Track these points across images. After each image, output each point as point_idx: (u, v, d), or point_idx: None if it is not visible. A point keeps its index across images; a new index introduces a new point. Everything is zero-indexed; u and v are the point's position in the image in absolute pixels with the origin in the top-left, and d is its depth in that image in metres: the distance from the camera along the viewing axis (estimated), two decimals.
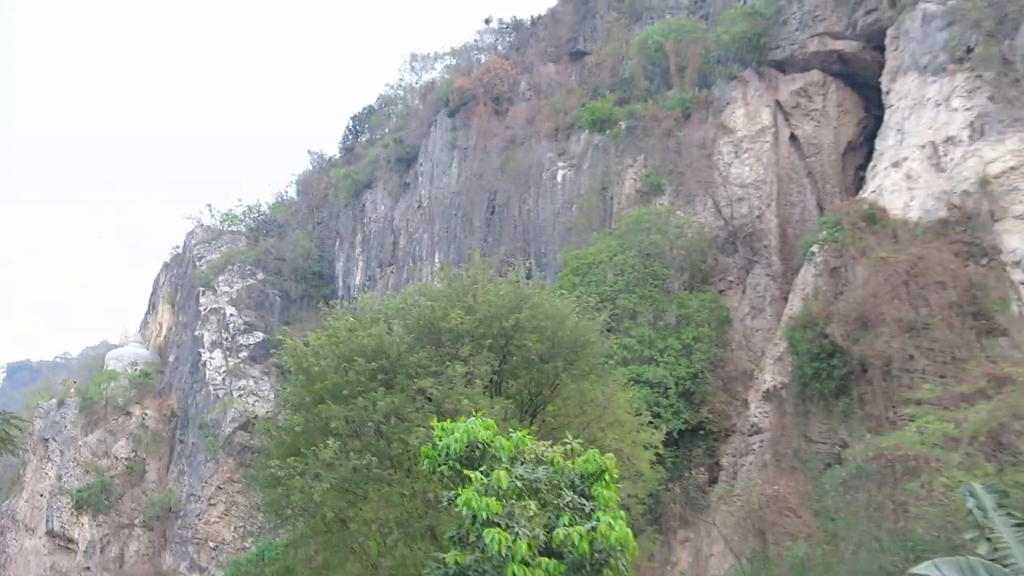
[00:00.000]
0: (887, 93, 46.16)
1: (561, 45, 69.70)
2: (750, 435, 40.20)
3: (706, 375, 42.50)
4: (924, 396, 31.23)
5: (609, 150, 54.75)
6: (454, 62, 79.93)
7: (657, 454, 30.05)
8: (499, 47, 76.95)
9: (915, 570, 13.01)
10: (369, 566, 25.90)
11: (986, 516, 14.10)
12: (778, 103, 51.33)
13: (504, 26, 78.41)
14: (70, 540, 69.93)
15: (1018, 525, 13.88)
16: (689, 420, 41.12)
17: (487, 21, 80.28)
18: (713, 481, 40.19)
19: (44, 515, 71.53)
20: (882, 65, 47.25)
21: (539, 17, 75.39)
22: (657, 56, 56.49)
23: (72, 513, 69.92)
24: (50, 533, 70.73)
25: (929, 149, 41.31)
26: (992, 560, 13.42)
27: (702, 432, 41.86)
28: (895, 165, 42.62)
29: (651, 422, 32.07)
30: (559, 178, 57.34)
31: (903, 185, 41.55)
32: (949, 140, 40.65)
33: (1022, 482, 23.85)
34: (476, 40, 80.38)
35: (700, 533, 39.01)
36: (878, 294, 36.44)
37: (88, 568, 67.99)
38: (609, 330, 35.84)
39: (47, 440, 73.90)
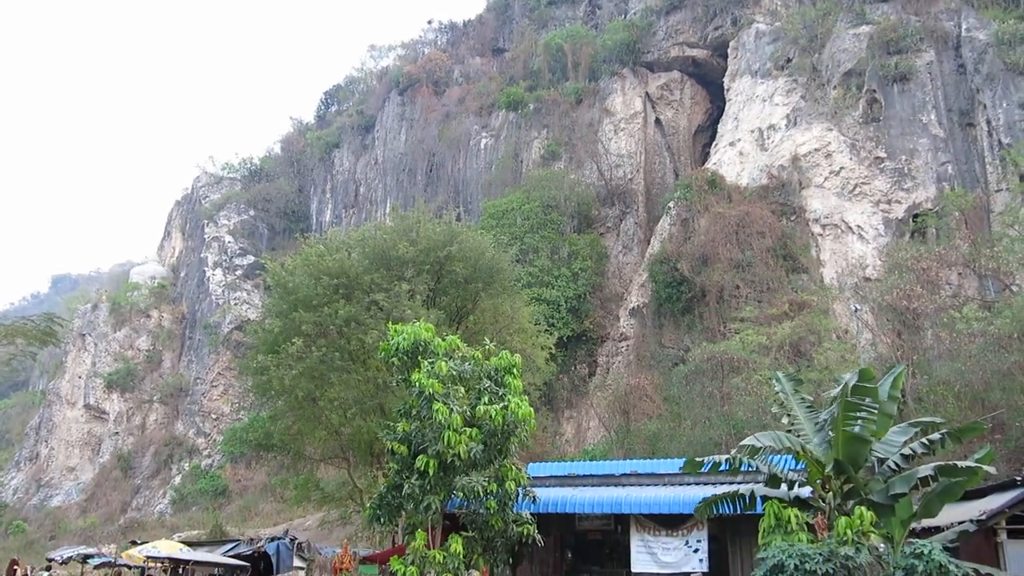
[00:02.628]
0: (728, 90, 46.26)
1: (486, 43, 68.25)
2: (619, 341, 40.58)
3: (588, 296, 42.65)
4: (746, 315, 31.77)
5: (520, 125, 54.03)
6: (404, 52, 77.88)
7: (551, 353, 30.09)
8: (438, 42, 75.06)
9: (743, 442, 13.06)
10: (333, 433, 25.68)
11: (787, 399, 14.28)
12: (647, 94, 51.07)
13: (443, 26, 76.42)
14: (103, 412, 68.19)
15: (809, 408, 14.10)
16: (575, 329, 41.30)
17: (429, 22, 78.82)
18: (591, 374, 40.54)
19: (82, 392, 69.52)
20: (725, 69, 47.27)
21: (470, 21, 73.62)
22: (558, 54, 55.71)
23: (104, 391, 68.11)
24: (87, 406, 68.85)
25: (757, 133, 41.58)
26: (788, 432, 13.63)
27: (584, 338, 42.12)
28: (731, 144, 42.84)
29: (547, 330, 32.09)
30: (482, 145, 56.49)
31: (737, 160, 41.82)
32: (771, 127, 40.94)
33: (813, 379, 24.36)
34: (421, 36, 78.41)
35: (581, 412, 39.42)
36: (715, 239, 36.79)
37: (117, 433, 66.46)
38: (517, 261, 35.63)
39: (84, 335, 71.57)
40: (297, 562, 24.22)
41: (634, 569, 16.11)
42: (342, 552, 20.45)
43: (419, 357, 14.50)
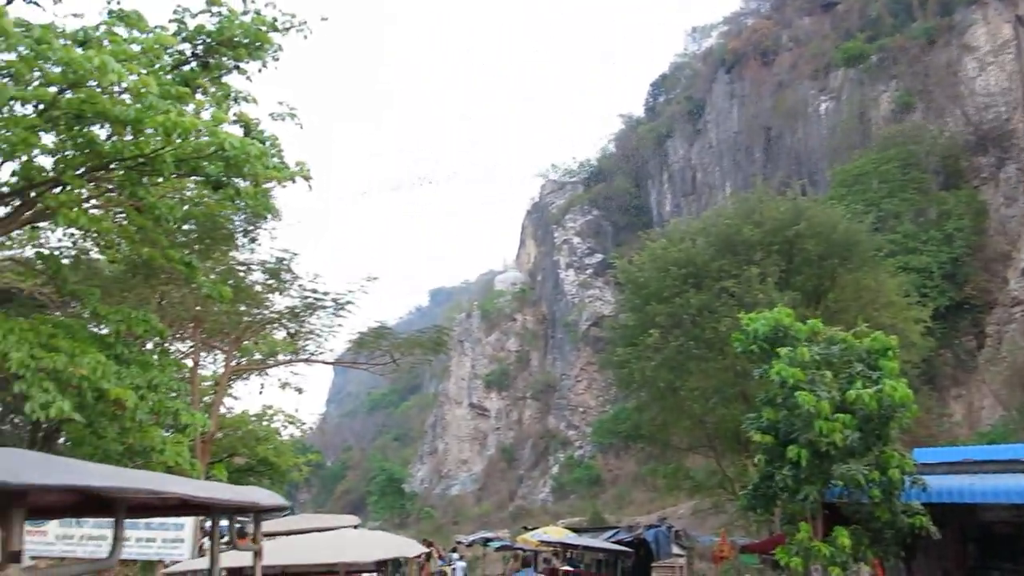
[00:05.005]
0: None
1: (814, 0, 64.07)
2: (1011, 306, 35.60)
3: (966, 259, 38.10)
4: None
5: (863, 81, 49.96)
6: (726, 28, 75.94)
7: (926, 326, 27.46)
8: (761, 10, 71.98)
9: None
10: (697, 422, 26.03)
11: None
12: (1017, 18, 44.24)
13: None
14: (484, 409, 75.41)
15: None
16: (954, 297, 37.10)
17: None
18: (980, 347, 36.08)
19: (465, 393, 77.56)
20: None
21: None
22: None
23: (484, 390, 75.31)
24: (471, 405, 76.63)
25: None
26: None
27: (966, 307, 37.61)
28: None
29: (919, 301, 29.37)
30: (821, 110, 53.22)
31: None
32: None
33: None
34: (742, 7, 75.80)
35: (971, 390, 35.25)
36: None
37: (498, 428, 73.09)
38: (875, 229, 33.03)
39: (461, 342, 79.69)
40: (675, 549, 24.83)
41: None
42: (720, 541, 20.59)
43: (777, 346, 14.15)
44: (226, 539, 5.50)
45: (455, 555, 35.08)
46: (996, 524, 16.18)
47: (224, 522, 5.47)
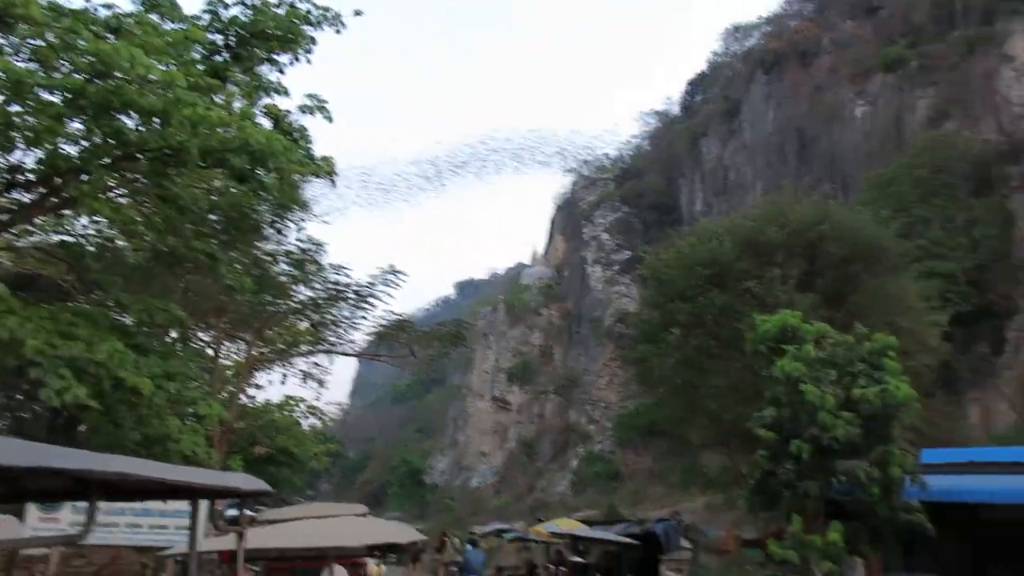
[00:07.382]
0: None
1: (857, 4, 63.56)
2: None
3: (991, 266, 37.93)
4: None
5: (901, 87, 49.69)
6: (769, 29, 75.51)
7: (945, 331, 27.51)
8: (804, 12, 71.56)
9: None
10: (713, 420, 26.29)
11: None
12: None
13: None
14: (506, 403, 75.95)
15: None
16: (977, 303, 36.92)
17: None
18: (997, 352, 35.99)
19: (488, 386, 78.16)
20: None
21: None
22: (945, 1, 50.15)
23: (506, 384, 75.83)
24: (493, 398, 77.21)
25: None
26: None
27: (988, 313, 37.50)
28: None
29: (942, 305, 29.42)
30: (858, 114, 52.98)
31: None
32: None
33: None
34: (786, 8, 75.20)
35: (988, 394, 35.18)
36: None
37: (520, 422, 73.66)
38: (905, 235, 33.09)
39: (486, 335, 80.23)
40: (684, 543, 25.25)
41: None
42: (725, 535, 21.02)
43: (785, 345, 14.62)
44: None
45: (469, 547, 35.60)
46: (998, 525, 16.45)
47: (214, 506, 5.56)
